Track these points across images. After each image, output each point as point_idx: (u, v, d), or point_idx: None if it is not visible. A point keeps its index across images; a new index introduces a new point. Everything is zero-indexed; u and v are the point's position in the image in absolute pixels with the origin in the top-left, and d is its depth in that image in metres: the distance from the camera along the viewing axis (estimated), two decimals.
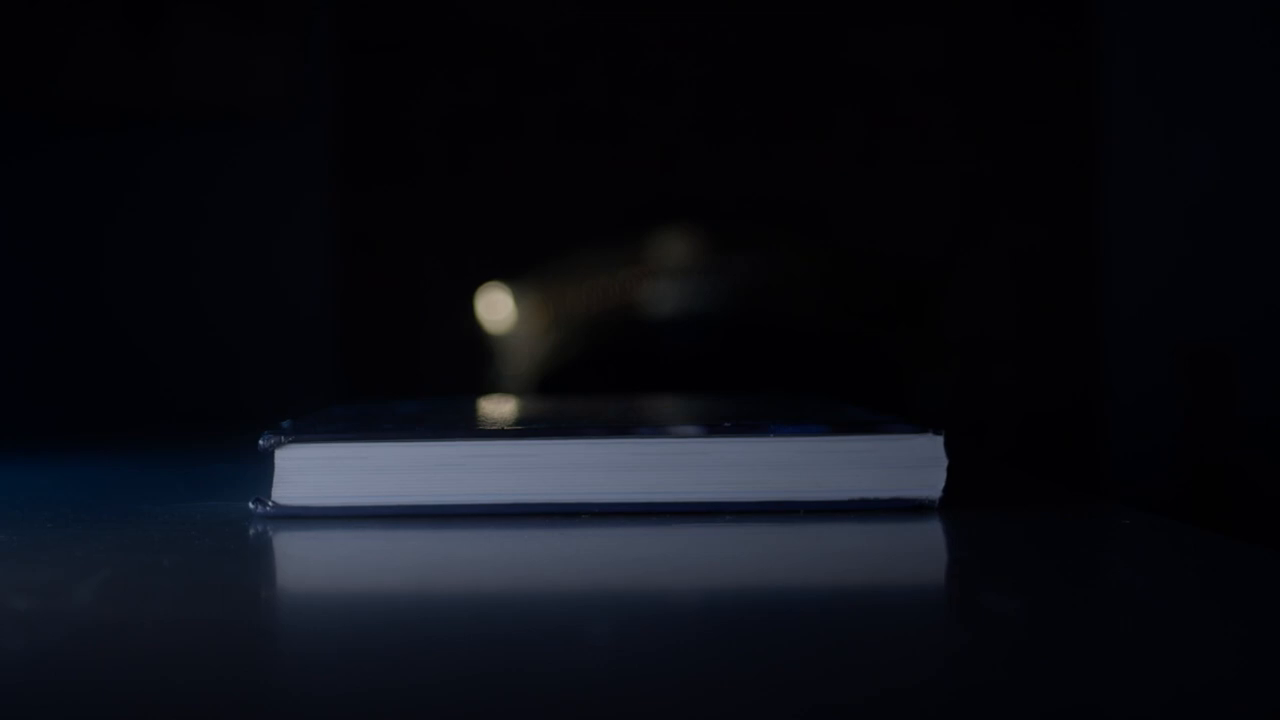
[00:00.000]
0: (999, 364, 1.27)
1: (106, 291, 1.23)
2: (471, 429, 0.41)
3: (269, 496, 0.40)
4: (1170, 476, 1.25)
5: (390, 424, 0.42)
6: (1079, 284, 1.27)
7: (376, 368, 1.26)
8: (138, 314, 1.23)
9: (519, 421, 0.47)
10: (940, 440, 0.40)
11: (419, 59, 1.26)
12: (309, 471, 0.39)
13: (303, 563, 0.37)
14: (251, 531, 0.38)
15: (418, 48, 1.26)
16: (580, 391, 0.69)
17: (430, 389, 1.20)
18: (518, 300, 1.24)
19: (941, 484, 0.40)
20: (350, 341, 1.25)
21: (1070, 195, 1.27)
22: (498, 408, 0.57)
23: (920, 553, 0.37)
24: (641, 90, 1.27)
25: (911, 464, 0.40)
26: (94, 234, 1.22)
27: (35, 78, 1.18)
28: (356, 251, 1.26)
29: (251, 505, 0.40)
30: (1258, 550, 0.33)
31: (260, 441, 0.39)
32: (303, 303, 1.25)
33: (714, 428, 0.40)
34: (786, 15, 1.27)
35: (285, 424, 0.41)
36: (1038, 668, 0.24)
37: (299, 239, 1.25)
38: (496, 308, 1.23)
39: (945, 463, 0.40)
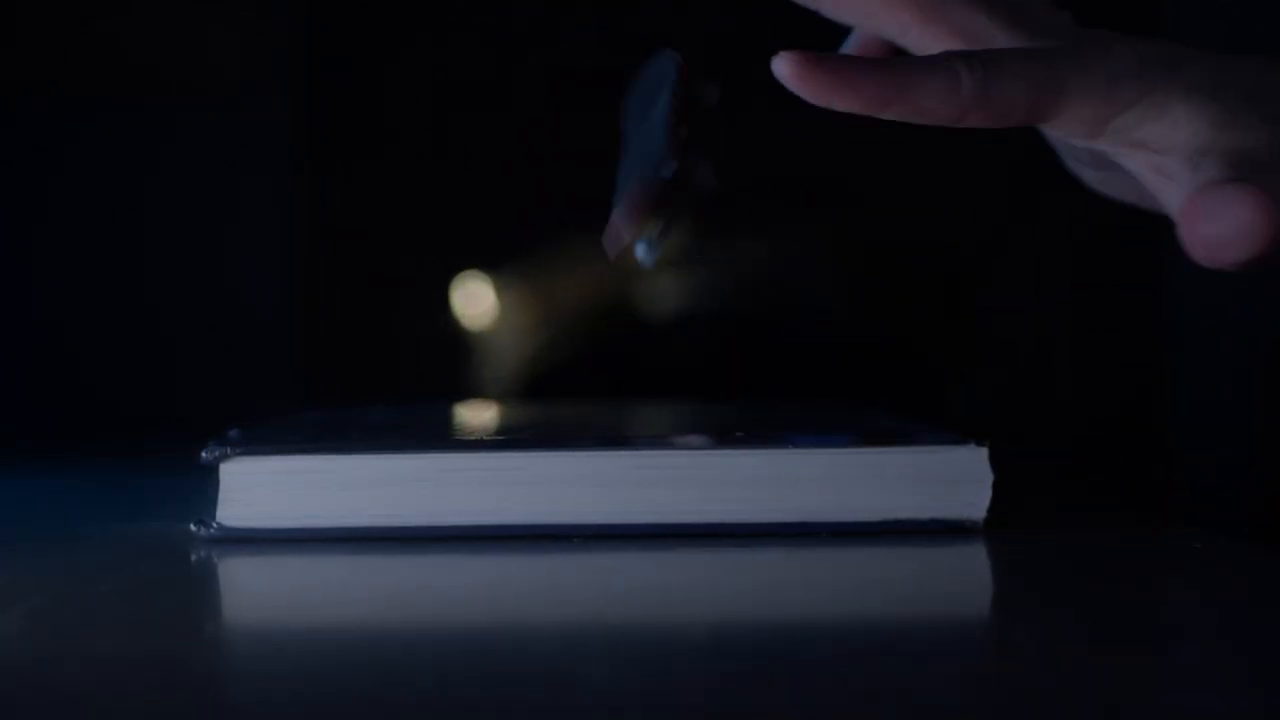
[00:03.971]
0: (1051, 365, 1.27)
1: (47, 286, 1.22)
2: (447, 439, 0.41)
3: (213, 517, 0.39)
4: (1244, 493, 1.24)
5: (355, 432, 0.42)
6: (1142, 272, 1.27)
7: (347, 369, 1.25)
8: (76, 311, 1.23)
9: (502, 430, 0.46)
10: (984, 452, 0.40)
11: (392, 22, 1.26)
12: (259, 488, 0.39)
13: (249, 593, 0.36)
14: (193, 557, 0.38)
15: (391, 9, 1.26)
16: (572, 396, 0.69)
17: (407, 392, 1.20)
18: (501, 293, 1.24)
19: (986, 502, 0.40)
20: (317, 340, 1.25)
21: None
22: (478, 414, 0.57)
23: (962, 580, 0.36)
24: (640, 51, 1.27)
25: (952, 479, 0.40)
26: (28, 220, 1.22)
27: None
28: (321, 239, 1.26)
29: (193, 527, 0.39)
30: None
31: (203, 454, 0.39)
32: (262, 300, 1.25)
33: (724, 438, 0.40)
34: None
35: (232, 433, 0.41)
36: (1095, 713, 0.23)
37: (257, 225, 1.25)
38: (476, 300, 1.23)
39: (990, 478, 0.40)
